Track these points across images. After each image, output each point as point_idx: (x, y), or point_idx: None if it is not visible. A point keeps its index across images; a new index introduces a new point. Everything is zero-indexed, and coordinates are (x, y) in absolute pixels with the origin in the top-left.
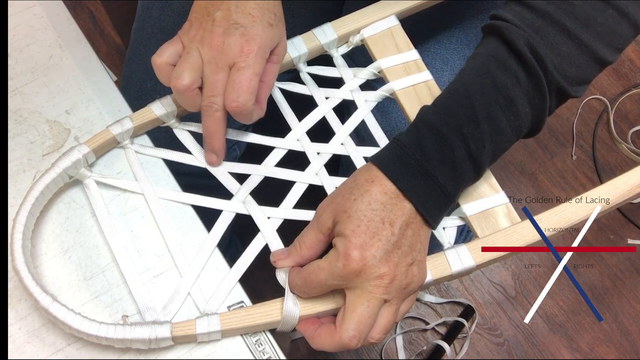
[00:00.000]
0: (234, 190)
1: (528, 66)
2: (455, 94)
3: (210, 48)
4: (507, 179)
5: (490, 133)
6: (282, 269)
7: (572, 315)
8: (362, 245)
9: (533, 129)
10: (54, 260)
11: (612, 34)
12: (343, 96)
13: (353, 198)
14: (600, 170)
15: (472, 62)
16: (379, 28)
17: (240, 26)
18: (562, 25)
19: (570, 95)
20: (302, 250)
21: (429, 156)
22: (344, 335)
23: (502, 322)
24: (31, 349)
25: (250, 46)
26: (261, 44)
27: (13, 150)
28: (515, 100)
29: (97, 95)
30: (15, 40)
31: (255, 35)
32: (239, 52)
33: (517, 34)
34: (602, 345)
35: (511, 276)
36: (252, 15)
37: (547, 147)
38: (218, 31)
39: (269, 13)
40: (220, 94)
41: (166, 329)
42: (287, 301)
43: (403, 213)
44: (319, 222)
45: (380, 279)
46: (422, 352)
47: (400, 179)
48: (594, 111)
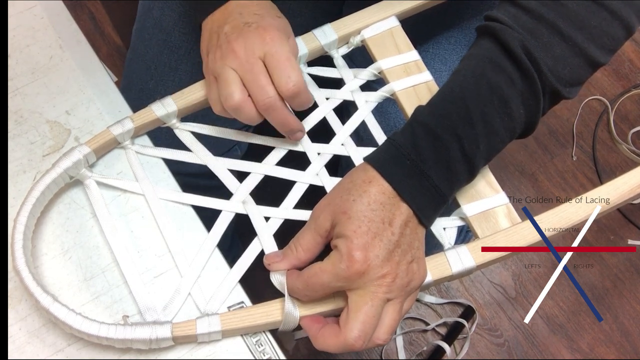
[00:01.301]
0: (234, 189)
1: (522, 68)
2: (450, 95)
3: (235, 56)
4: (507, 180)
5: (485, 134)
6: (278, 272)
7: (572, 316)
8: (364, 246)
9: (526, 129)
10: (54, 261)
11: (605, 36)
12: (343, 97)
13: (352, 199)
14: (600, 170)
15: (466, 63)
16: (380, 29)
17: (252, 23)
18: (556, 27)
19: (563, 96)
20: (299, 253)
21: (424, 157)
22: (349, 335)
23: (503, 322)
24: (31, 350)
25: (270, 33)
26: (278, 28)
27: (13, 150)
28: (509, 102)
29: (97, 96)
30: (15, 41)
31: (269, 25)
32: (262, 42)
33: (512, 35)
34: (602, 346)
35: (511, 277)
36: (258, 14)
37: (547, 148)
38: (233, 37)
39: (272, 10)
40: (267, 82)
41: (167, 329)
42: (287, 303)
43: (401, 212)
44: (316, 223)
45: (383, 279)
46: (422, 353)
47: (396, 180)
48: (594, 112)
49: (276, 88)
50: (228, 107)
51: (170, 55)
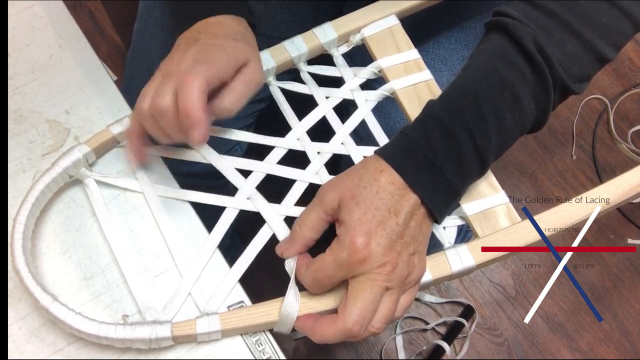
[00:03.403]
0: (239, 185)
1: (534, 63)
2: (462, 90)
3: (171, 60)
4: (507, 179)
5: (496, 128)
6: (290, 258)
7: (572, 315)
8: (367, 233)
9: (536, 124)
10: (54, 260)
11: (615, 33)
12: (343, 95)
13: (362, 185)
14: (600, 170)
15: (477, 58)
16: (379, 27)
17: (200, 37)
18: (567, 24)
19: (573, 92)
20: (304, 232)
21: (436, 151)
22: (347, 320)
23: (502, 322)
24: (31, 349)
25: (214, 41)
26: (225, 37)
27: (13, 149)
28: (520, 97)
29: (97, 95)
30: (15, 40)
31: (215, 36)
32: (199, 48)
33: (524, 30)
34: (602, 345)
35: (511, 276)
36: (213, 34)
37: (547, 147)
38: (181, 48)
39: (233, 34)
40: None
41: (167, 329)
42: (289, 293)
43: (409, 204)
44: (323, 201)
45: (383, 267)
46: (422, 352)
47: (408, 172)
48: (594, 111)
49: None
50: (152, 107)
51: None
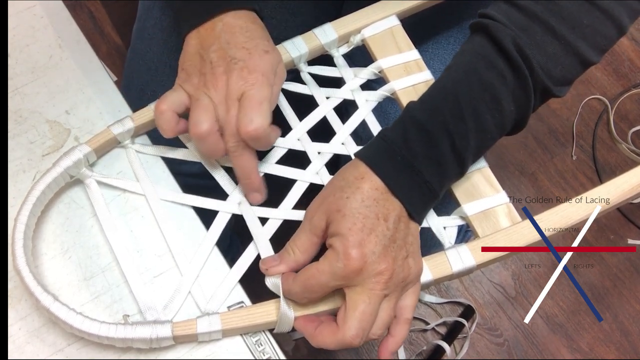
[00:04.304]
0: (230, 190)
1: (514, 64)
2: (442, 91)
3: (216, 89)
4: (507, 179)
5: (475, 130)
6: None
7: (572, 315)
8: (360, 242)
9: (516, 126)
10: (54, 261)
11: (598, 35)
12: (344, 96)
13: (345, 196)
14: (600, 170)
15: (458, 59)
16: (380, 28)
17: (238, 60)
18: (548, 26)
19: (554, 95)
20: (297, 255)
21: (415, 152)
22: (347, 333)
23: (502, 322)
24: (31, 349)
25: (253, 75)
26: (263, 71)
27: (13, 150)
28: (500, 99)
29: (97, 95)
30: (15, 41)
31: (255, 66)
32: (245, 84)
33: (504, 32)
34: (602, 345)
35: (511, 276)
36: (246, 48)
37: (547, 147)
38: (219, 71)
39: (261, 43)
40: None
41: (167, 329)
42: (282, 306)
43: (394, 208)
44: (311, 224)
45: (381, 275)
46: (422, 352)
47: (387, 175)
48: (594, 111)
49: (237, 126)
50: (193, 132)
51: (170, 55)
